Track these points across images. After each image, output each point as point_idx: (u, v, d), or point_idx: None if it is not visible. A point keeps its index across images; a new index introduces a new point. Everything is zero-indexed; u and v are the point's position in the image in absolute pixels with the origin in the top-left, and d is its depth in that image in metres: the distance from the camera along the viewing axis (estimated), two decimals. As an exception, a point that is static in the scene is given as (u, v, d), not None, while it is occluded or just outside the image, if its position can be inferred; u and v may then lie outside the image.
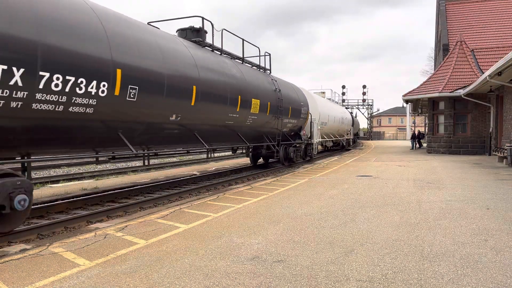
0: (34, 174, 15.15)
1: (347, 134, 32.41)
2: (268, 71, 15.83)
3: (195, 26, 11.23)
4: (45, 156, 7.49)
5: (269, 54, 15.82)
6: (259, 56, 15.10)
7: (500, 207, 6.94)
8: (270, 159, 18.59)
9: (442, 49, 27.50)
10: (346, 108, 49.67)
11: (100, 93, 6.79)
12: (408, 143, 39.82)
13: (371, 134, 66.49)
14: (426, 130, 28.45)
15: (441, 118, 23.27)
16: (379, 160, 18.47)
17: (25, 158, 6.67)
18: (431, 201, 7.61)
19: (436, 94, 22.16)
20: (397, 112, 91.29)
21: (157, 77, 8.18)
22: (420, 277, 3.73)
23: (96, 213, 7.95)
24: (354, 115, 46.55)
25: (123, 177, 14.89)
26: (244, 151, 16.47)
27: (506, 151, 15.18)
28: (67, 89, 6.18)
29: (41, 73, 5.76)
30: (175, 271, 3.96)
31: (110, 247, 4.84)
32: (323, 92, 33.48)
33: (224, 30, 12.23)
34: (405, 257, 4.31)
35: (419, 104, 28.91)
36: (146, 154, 9.90)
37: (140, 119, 8.08)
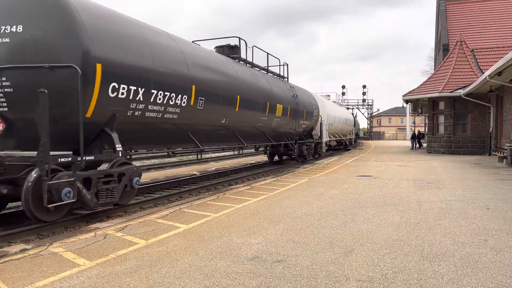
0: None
1: (350, 134, 34.50)
2: (286, 79, 18.03)
3: (231, 44, 13.26)
4: (141, 151, 10.10)
5: (287, 64, 18.07)
6: (279, 65, 17.26)
7: (500, 207, 6.94)
8: (284, 157, 20.67)
9: (442, 49, 27.50)
10: (347, 108, 49.88)
11: (182, 104, 9.01)
12: (408, 143, 39.80)
13: (371, 134, 66.48)
14: (426, 130, 28.45)
15: (441, 118, 23.27)
16: (379, 160, 18.47)
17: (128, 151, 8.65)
18: (431, 201, 7.62)
19: (436, 94, 22.17)
20: (397, 112, 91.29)
21: (216, 89, 10.45)
22: (420, 277, 3.73)
23: (96, 213, 7.94)
24: (354, 115, 47.31)
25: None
26: (262, 149, 19.67)
27: (506, 151, 15.18)
28: (165, 101, 8.40)
29: (152, 91, 7.92)
30: (175, 271, 3.96)
31: (110, 247, 4.84)
32: (328, 96, 36.73)
33: (254, 46, 14.70)
34: (405, 257, 4.31)
35: (419, 104, 28.92)
36: (200, 150, 12.23)
37: (204, 122, 10.35)
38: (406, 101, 27.49)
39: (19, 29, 6.27)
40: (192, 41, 11.81)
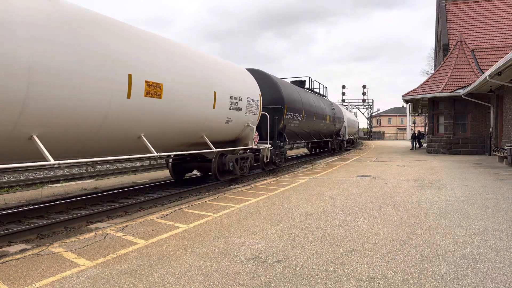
0: (34, 175, 15.15)
1: (355, 134, 41.82)
2: (325, 97, 26.44)
3: (301, 79, 21.37)
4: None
5: (326, 87, 26.62)
6: (319, 87, 25.62)
7: (500, 207, 6.94)
8: (317, 150, 28.62)
9: (442, 49, 27.51)
10: (347, 108, 50.19)
11: (299, 119, 17.33)
12: (408, 143, 39.82)
13: (371, 134, 66.47)
14: (426, 130, 28.44)
15: (441, 118, 23.27)
16: (379, 160, 18.47)
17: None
18: (431, 201, 7.62)
19: (436, 94, 22.16)
20: (397, 112, 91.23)
21: (310, 111, 19.14)
22: (420, 277, 3.73)
23: (96, 213, 7.95)
24: (355, 115, 49.18)
25: (123, 177, 14.89)
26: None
27: (506, 151, 15.18)
28: (295, 119, 16.73)
29: (291, 113, 16.18)
30: (175, 271, 3.96)
31: (110, 247, 4.84)
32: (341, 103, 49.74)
33: (311, 78, 22.89)
34: (405, 257, 4.31)
35: (419, 104, 28.92)
36: (308, 142, 23.61)
37: (303, 129, 18.91)
38: (406, 101, 27.48)
39: (264, 94, 14.39)
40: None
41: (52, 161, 5.86)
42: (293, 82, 19.99)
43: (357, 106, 62.14)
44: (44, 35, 5.69)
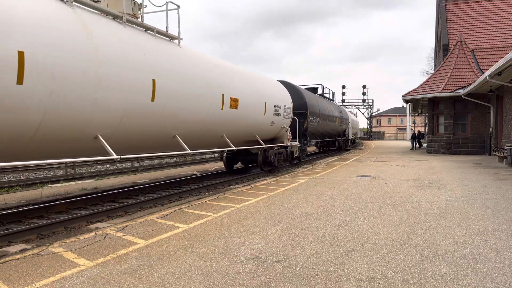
0: (34, 174, 15.15)
1: (356, 134, 44.38)
2: (334, 100, 31.57)
3: (315, 86, 24.71)
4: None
5: (334, 92, 31.72)
6: (329, 93, 30.41)
7: (500, 207, 6.94)
8: (325, 148, 31.38)
9: (442, 49, 27.49)
10: (347, 108, 50.45)
11: (317, 121, 20.98)
12: (408, 143, 39.81)
13: (371, 134, 66.45)
14: (426, 130, 28.44)
15: (441, 118, 23.26)
16: (379, 160, 18.47)
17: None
18: (431, 201, 7.62)
19: (436, 94, 22.16)
20: (397, 112, 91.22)
21: (323, 113, 22.36)
22: (420, 277, 3.73)
23: (96, 213, 7.95)
24: (355, 115, 50.03)
25: (123, 177, 14.89)
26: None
27: (506, 151, 15.18)
28: (314, 121, 20.44)
29: (311, 117, 19.72)
30: (175, 271, 3.96)
31: (110, 247, 4.84)
32: (344, 107, 50.48)
33: (323, 85, 27.26)
34: (405, 257, 4.31)
35: (419, 104, 28.90)
36: (319, 140, 25.67)
37: (319, 130, 22.57)
38: (406, 101, 27.48)
39: (292, 102, 16.74)
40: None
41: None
42: (307, 89, 23.17)
43: (357, 106, 62.11)
44: (180, 75, 8.94)
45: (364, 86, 61.18)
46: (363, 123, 66.97)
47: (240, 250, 4.62)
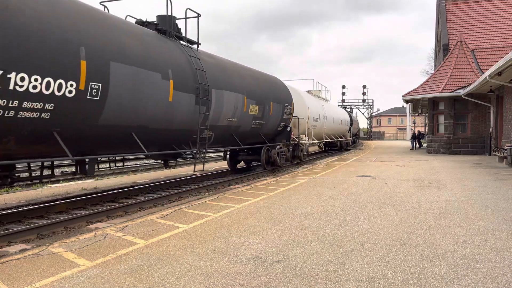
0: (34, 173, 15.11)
1: (356, 134, 45.28)
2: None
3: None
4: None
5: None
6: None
7: (500, 207, 6.94)
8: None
9: (442, 49, 27.49)
10: (347, 108, 50.71)
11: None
12: (408, 143, 39.77)
13: (371, 134, 66.42)
14: (426, 130, 28.44)
15: (441, 118, 23.25)
16: (379, 160, 18.47)
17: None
18: (431, 201, 7.61)
19: (436, 94, 22.15)
20: (397, 112, 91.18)
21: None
22: (420, 277, 3.73)
23: (96, 213, 7.95)
24: (355, 115, 50.34)
25: (123, 177, 14.88)
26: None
27: (506, 151, 15.17)
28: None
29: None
30: (175, 271, 3.96)
31: (110, 247, 4.83)
32: (344, 107, 51.81)
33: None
34: (405, 257, 4.31)
35: (419, 104, 28.90)
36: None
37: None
38: (406, 101, 27.48)
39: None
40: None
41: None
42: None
43: (357, 106, 62.08)
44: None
45: (364, 86, 61.16)
46: (363, 123, 66.97)
47: (240, 250, 4.62)
